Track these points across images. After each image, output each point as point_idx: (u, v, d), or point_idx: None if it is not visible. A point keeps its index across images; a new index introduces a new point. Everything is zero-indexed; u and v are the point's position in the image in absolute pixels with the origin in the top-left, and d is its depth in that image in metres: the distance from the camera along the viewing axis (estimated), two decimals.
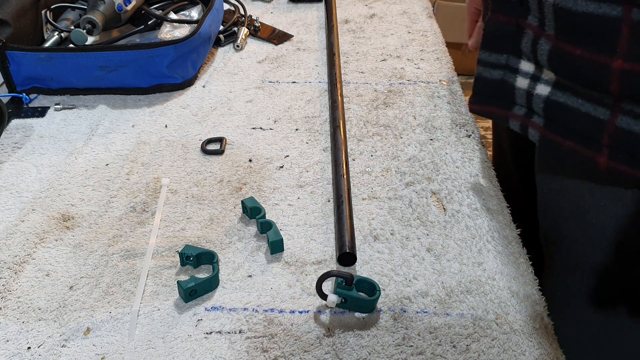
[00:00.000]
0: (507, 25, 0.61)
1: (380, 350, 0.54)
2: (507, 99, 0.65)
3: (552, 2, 0.54)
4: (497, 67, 0.65)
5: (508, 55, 0.63)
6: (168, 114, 0.89)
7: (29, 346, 0.55)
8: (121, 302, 0.59)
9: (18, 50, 0.88)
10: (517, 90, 0.63)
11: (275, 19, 1.19)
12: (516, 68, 0.63)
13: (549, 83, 0.59)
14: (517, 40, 0.61)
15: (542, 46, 0.58)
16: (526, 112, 0.63)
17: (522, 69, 0.62)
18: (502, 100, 0.66)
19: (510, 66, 0.64)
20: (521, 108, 0.64)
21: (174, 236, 0.67)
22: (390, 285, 0.60)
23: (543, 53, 0.58)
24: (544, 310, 0.58)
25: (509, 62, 0.63)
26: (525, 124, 0.64)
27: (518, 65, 0.63)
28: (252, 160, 0.79)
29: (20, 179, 0.75)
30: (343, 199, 0.68)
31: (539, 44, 0.58)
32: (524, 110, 0.64)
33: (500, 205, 0.70)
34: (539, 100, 0.61)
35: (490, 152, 0.96)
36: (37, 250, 0.65)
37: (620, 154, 0.55)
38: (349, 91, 0.94)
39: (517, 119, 0.64)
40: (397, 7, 1.24)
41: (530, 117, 0.63)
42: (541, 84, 0.60)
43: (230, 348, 0.54)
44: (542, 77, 0.60)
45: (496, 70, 0.65)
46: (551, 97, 0.59)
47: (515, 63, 0.63)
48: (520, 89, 0.63)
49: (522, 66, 0.62)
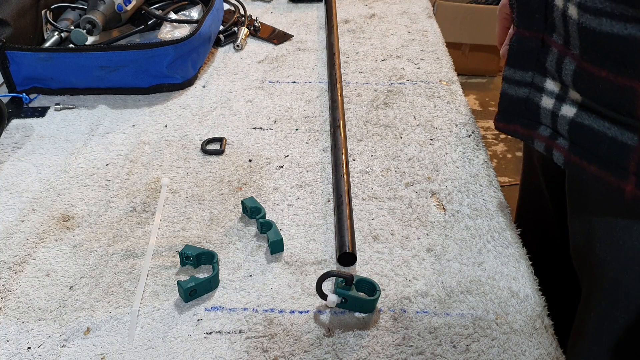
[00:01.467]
0: (531, 41, 0.59)
1: (380, 350, 0.54)
2: (532, 118, 0.63)
3: (576, 21, 0.52)
4: (522, 85, 0.62)
5: (534, 73, 0.61)
6: (168, 114, 0.89)
7: (29, 346, 0.55)
8: (121, 302, 0.59)
9: (18, 50, 0.88)
10: (543, 110, 0.61)
11: (275, 19, 1.19)
12: (541, 87, 0.60)
13: (575, 104, 0.57)
14: (542, 58, 0.59)
15: (567, 66, 0.55)
16: (551, 134, 0.61)
17: (547, 87, 0.60)
18: (528, 120, 0.63)
19: (535, 84, 0.61)
20: (546, 129, 0.61)
21: (174, 236, 0.67)
22: (390, 285, 0.60)
23: (568, 73, 0.55)
24: (544, 310, 0.58)
25: (535, 80, 0.61)
26: (550, 145, 0.61)
27: (543, 84, 0.60)
28: (252, 160, 0.79)
29: (20, 179, 0.75)
30: (343, 199, 0.68)
31: (564, 63, 0.56)
32: (549, 131, 0.61)
33: (500, 205, 0.70)
34: (564, 122, 0.58)
35: (490, 152, 0.96)
36: (37, 250, 0.65)
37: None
38: (349, 91, 0.94)
39: (542, 140, 0.62)
40: (397, 7, 1.24)
41: (555, 139, 0.60)
42: (567, 105, 0.58)
43: (230, 348, 0.54)
44: (568, 97, 0.58)
45: (521, 88, 0.62)
46: (576, 119, 0.56)
47: (541, 81, 0.60)
48: (545, 108, 0.60)
49: (548, 85, 0.60)
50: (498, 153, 2.26)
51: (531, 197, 0.86)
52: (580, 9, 0.51)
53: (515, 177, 2.15)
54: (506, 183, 2.11)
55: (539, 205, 0.82)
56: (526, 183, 0.89)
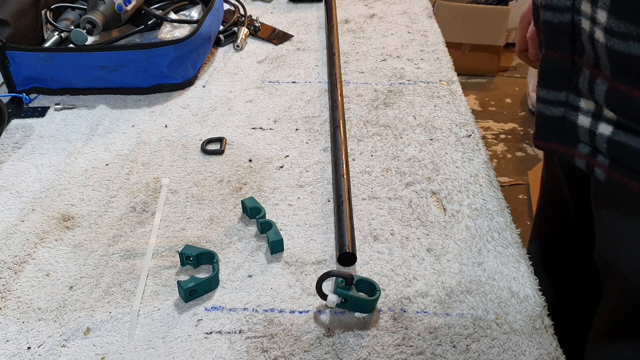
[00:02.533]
0: (561, 62, 0.59)
1: (380, 350, 0.54)
2: (570, 136, 0.62)
3: (604, 44, 0.52)
4: (557, 105, 0.62)
5: (568, 92, 0.61)
6: (168, 114, 0.89)
7: (29, 346, 0.55)
8: (121, 302, 0.59)
9: (18, 50, 0.88)
10: (580, 128, 0.61)
11: (275, 19, 1.19)
12: (577, 106, 0.60)
13: (611, 122, 0.57)
14: (573, 78, 0.59)
15: (599, 86, 0.55)
16: (590, 151, 0.61)
17: (582, 106, 0.60)
18: (566, 138, 0.63)
19: (570, 104, 0.61)
20: (585, 146, 0.61)
21: (174, 236, 0.67)
22: (390, 285, 0.60)
23: (600, 93, 0.55)
24: (544, 310, 0.58)
25: (569, 99, 0.61)
26: (590, 163, 0.61)
27: (578, 103, 0.60)
28: (252, 160, 0.79)
29: (20, 179, 0.75)
30: (343, 199, 0.68)
31: (596, 83, 0.56)
32: (588, 149, 0.61)
33: (500, 205, 0.70)
34: (602, 140, 0.58)
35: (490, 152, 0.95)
36: (37, 250, 0.65)
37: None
38: (349, 91, 0.94)
39: (582, 157, 0.62)
40: (397, 7, 1.24)
41: (595, 156, 0.60)
42: (603, 123, 0.58)
43: (230, 348, 0.54)
44: (603, 115, 0.58)
45: (556, 108, 0.62)
46: (614, 137, 0.56)
47: (575, 101, 0.60)
48: (582, 127, 0.60)
49: (582, 104, 0.60)
50: (498, 153, 2.26)
51: (552, 197, 0.85)
52: (607, 33, 0.51)
53: (515, 177, 2.15)
54: (506, 183, 2.11)
55: (560, 206, 0.82)
56: (547, 183, 0.89)
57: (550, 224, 0.87)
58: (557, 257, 0.66)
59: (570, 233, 0.80)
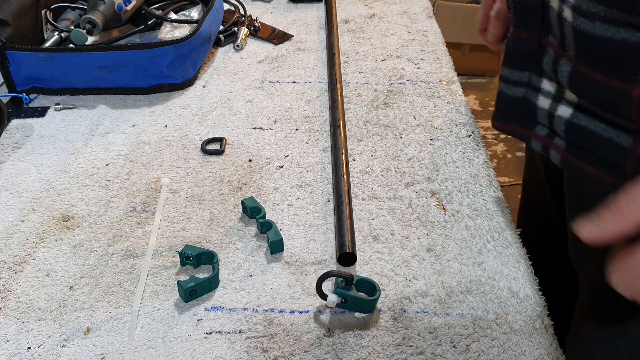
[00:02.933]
0: (528, 42, 0.59)
1: (380, 350, 0.54)
2: (529, 117, 0.63)
3: (571, 23, 0.51)
4: (519, 85, 0.62)
5: (530, 73, 0.60)
6: (168, 114, 0.89)
7: (29, 346, 0.55)
8: (121, 302, 0.59)
9: (18, 50, 0.88)
10: (539, 109, 0.61)
11: (275, 19, 1.19)
12: (538, 87, 0.60)
13: (571, 105, 0.57)
14: (538, 58, 0.59)
15: (562, 67, 0.55)
16: (548, 133, 0.61)
17: (544, 88, 0.60)
18: (525, 119, 0.63)
19: (532, 84, 0.61)
20: (543, 128, 0.62)
21: (174, 236, 0.67)
22: (390, 285, 0.60)
23: (564, 74, 0.55)
24: (544, 310, 0.58)
25: (532, 80, 0.61)
26: (546, 145, 0.61)
27: (540, 84, 0.60)
28: (252, 160, 0.79)
29: (20, 179, 0.75)
30: (343, 199, 0.68)
31: (560, 64, 0.55)
32: (546, 131, 0.61)
33: (500, 205, 0.70)
34: (560, 122, 0.58)
35: (490, 152, 0.96)
36: (37, 250, 0.65)
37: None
38: (349, 91, 0.94)
39: (539, 139, 0.62)
40: (397, 7, 1.24)
41: (552, 139, 0.60)
42: (563, 105, 0.58)
43: (230, 348, 0.54)
44: (564, 97, 0.58)
45: (518, 88, 0.62)
46: (572, 120, 0.56)
47: (537, 82, 0.60)
48: (542, 108, 0.60)
49: (544, 85, 0.60)
50: (498, 153, 2.26)
51: (533, 196, 0.86)
52: (575, 12, 0.51)
53: (515, 177, 2.15)
54: (506, 183, 2.11)
55: (541, 205, 0.82)
56: (528, 182, 0.89)
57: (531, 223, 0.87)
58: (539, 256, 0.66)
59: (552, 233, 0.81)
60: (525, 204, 0.90)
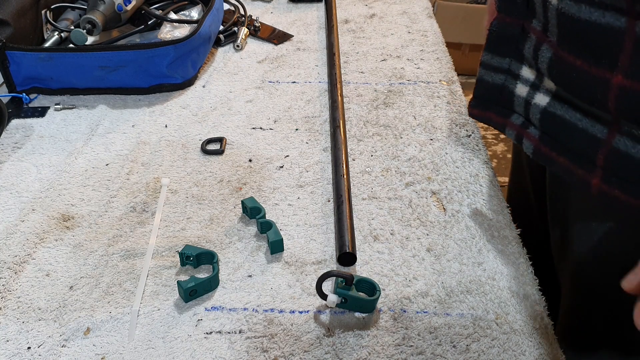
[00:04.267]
0: (512, 27, 0.59)
1: (380, 350, 0.54)
2: (506, 105, 0.62)
3: (555, 6, 0.51)
4: (499, 72, 0.62)
5: (511, 60, 0.60)
6: (168, 114, 0.89)
7: (29, 346, 0.55)
8: (121, 302, 0.59)
9: (18, 50, 0.88)
10: (517, 97, 0.61)
11: (275, 19, 1.19)
12: (517, 74, 0.60)
13: (549, 93, 0.57)
14: (520, 44, 0.59)
15: (543, 53, 0.55)
16: (523, 122, 0.61)
17: (523, 75, 0.60)
18: (501, 107, 0.63)
19: (512, 71, 0.61)
20: (519, 117, 0.61)
21: (174, 236, 0.67)
22: (390, 285, 0.60)
23: (544, 60, 0.55)
24: (544, 310, 0.58)
25: (512, 67, 0.61)
26: (520, 134, 0.61)
27: (519, 71, 0.60)
28: (252, 160, 0.79)
29: (20, 179, 0.75)
30: (343, 199, 0.68)
31: (541, 50, 0.55)
32: (521, 120, 0.61)
33: (500, 205, 0.70)
34: (536, 111, 0.58)
35: (490, 152, 0.95)
36: (37, 250, 0.65)
37: (614, 178, 0.51)
38: (349, 91, 0.94)
39: (514, 128, 0.62)
40: (397, 7, 1.24)
41: (526, 128, 0.60)
42: (540, 93, 0.57)
43: (230, 348, 0.54)
44: (542, 85, 0.57)
45: (498, 75, 0.62)
46: (549, 109, 0.56)
47: (517, 69, 0.60)
48: (519, 96, 0.60)
49: (523, 72, 0.59)
50: (498, 153, 2.26)
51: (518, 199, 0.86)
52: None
53: None
54: (506, 183, 2.12)
55: (525, 208, 0.82)
56: (514, 185, 0.89)
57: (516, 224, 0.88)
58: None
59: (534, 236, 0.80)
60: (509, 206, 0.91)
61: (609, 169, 0.51)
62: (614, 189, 0.51)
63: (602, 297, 0.62)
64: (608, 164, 0.51)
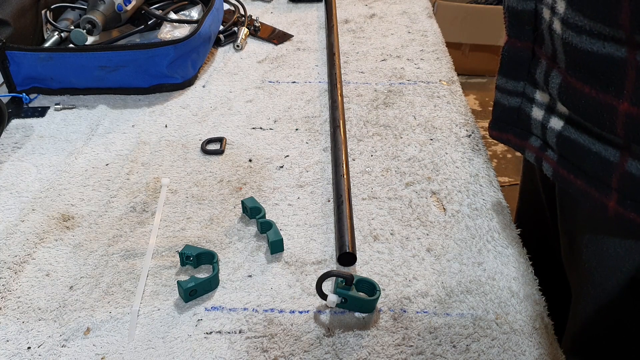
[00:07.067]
0: (522, 52, 0.59)
1: (380, 350, 0.54)
2: (524, 128, 0.63)
3: (560, 36, 0.51)
4: (514, 95, 0.62)
5: (525, 83, 0.61)
6: (168, 114, 0.89)
7: (29, 346, 0.55)
8: (121, 302, 0.59)
9: (18, 50, 0.88)
10: (533, 120, 0.61)
11: (275, 19, 1.19)
12: (532, 97, 0.60)
13: (562, 117, 0.57)
14: (532, 69, 0.59)
15: (553, 79, 0.55)
16: (541, 145, 0.61)
17: (537, 99, 0.60)
18: (519, 129, 0.63)
19: (527, 95, 0.61)
20: (537, 139, 0.62)
21: (174, 236, 0.67)
22: (390, 285, 0.60)
23: (554, 86, 0.55)
24: (544, 310, 0.58)
25: (526, 90, 0.61)
26: (539, 157, 0.61)
27: (534, 95, 0.60)
28: (252, 160, 0.79)
29: (20, 179, 0.75)
30: (343, 199, 0.68)
31: (551, 75, 0.55)
32: (539, 142, 0.61)
33: (500, 205, 0.70)
34: (552, 134, 0.58)
35: (490, 152, 0.95)
36: (37, 250, 0.65)
37: (629, 200, 0.51)
38: (349, 91, 0.94)
39: (533, 150, 0.62)
40: (397, 7, 1.24)
41: (544, 151, 0.60)
42: (555, 117, 0.58)
43: (230, 348, 0.54)
44: (556, 109, 0.58)
45: (514, 98, 0.62)
46: (564, 133, 0.56)
47: (532, 92, 0.60)
48: (535, 119, 0.60)
49: (538, 96, 0.60)
50: (498, 153, 2.26)
51: (530, 200, 0.86)
52: (563, 24, 0.50)
53: (515, 177, 2.15)
54: (506, 183, 2.11)
55: (537, 208, 0.82)
56: (525, 186, 0.89)
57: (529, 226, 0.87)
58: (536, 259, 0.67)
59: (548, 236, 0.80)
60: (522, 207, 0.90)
61: (623, 192, 0.52)
62: (629, 212, 0.52)
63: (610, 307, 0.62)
64: (622, 187, 0.52)
